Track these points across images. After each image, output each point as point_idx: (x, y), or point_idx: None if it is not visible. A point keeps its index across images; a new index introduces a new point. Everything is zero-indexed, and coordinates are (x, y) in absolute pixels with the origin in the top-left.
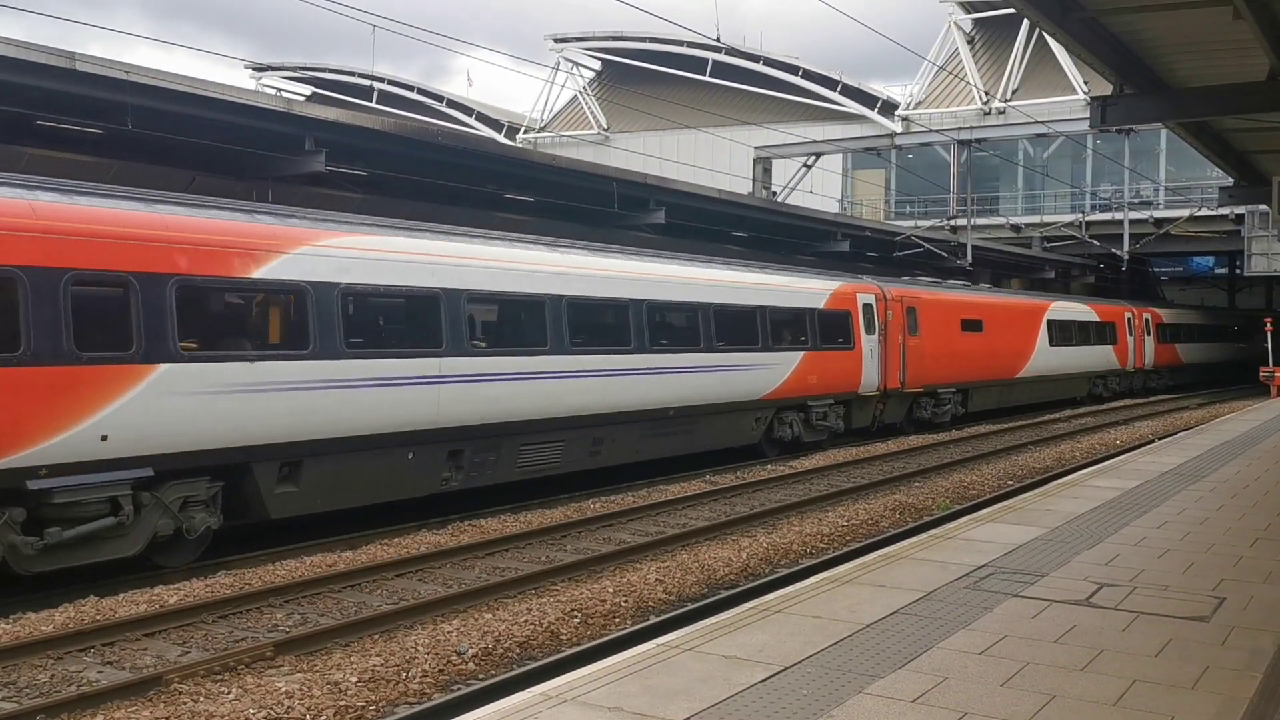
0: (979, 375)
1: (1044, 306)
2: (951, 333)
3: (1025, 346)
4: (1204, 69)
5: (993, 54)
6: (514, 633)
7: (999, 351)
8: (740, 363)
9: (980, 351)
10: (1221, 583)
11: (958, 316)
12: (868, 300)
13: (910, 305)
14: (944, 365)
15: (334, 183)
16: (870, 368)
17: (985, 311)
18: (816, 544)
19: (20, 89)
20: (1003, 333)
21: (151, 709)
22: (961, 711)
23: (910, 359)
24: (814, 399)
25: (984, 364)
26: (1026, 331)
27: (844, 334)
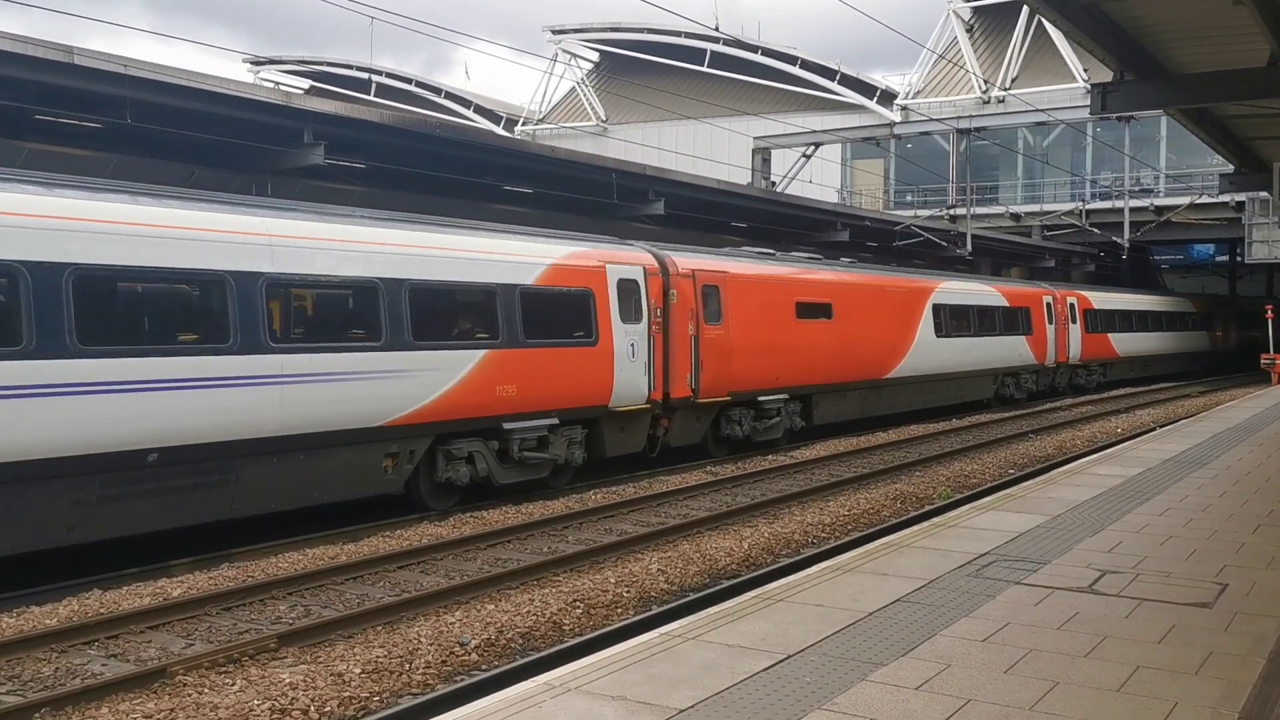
0: (826, 376)
1: (928, 288)
2: (780, 321)
3: (900, 338)
4: (1204, 55)
5: (992, 42)
6: (517, 623)
7: (858, 345)
8: (337, 370)
9: (828, 345)
10: (1224, 569)
11: (790, 299)
12: (627, 274)
13: (709, 283)
14: (767, 364)
15: (333, 175)
16: (631, 370)
17: (835, 293)
18: (818, 533)
19: (19, 83)
20: (864, 320)
21: (156, 701)
22: (965, 698)
23: (709, 357)
24: (517, 419)
25: (834, 361)
26: (902, 319)
27: (580, 322)
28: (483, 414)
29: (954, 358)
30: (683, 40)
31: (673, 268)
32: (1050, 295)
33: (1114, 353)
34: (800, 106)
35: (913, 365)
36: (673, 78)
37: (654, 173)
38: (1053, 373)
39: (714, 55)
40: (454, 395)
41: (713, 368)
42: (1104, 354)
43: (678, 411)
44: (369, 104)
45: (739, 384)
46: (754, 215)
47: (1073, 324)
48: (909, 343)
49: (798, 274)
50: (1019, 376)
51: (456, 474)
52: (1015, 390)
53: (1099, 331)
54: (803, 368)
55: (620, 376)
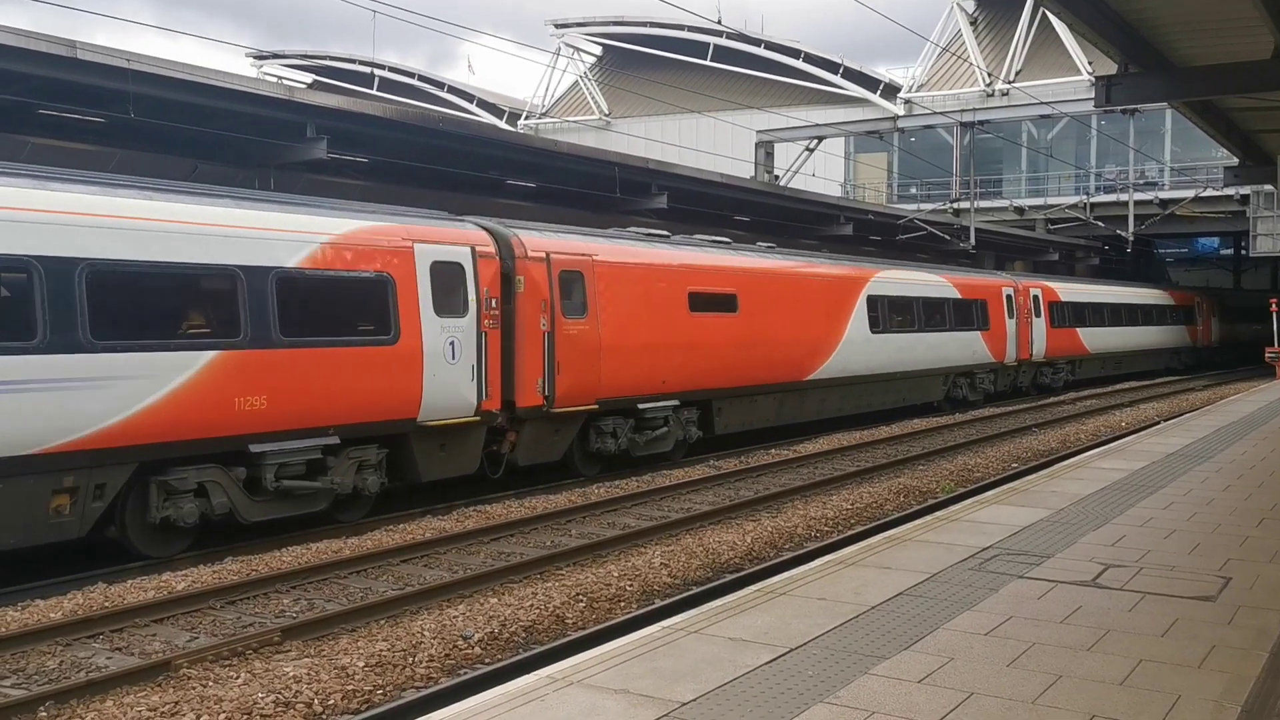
0: (730, 379)
1: (861, 276)
2: (668, 315)
3: (825, 334)
4: (1209, 47)
5: (996, 35)
6: (520, 617)
7: (771, 342)
8: None
9: (732, 343)
10: (1228, 562)
11: (682, 289)
12: (446, 256)
13: (570, 268)
14: (651, 365)
15: (335, 169)
16: (450, 375)
17: (741, 282)
18: (821, 527)
19: (22, 78)
20: (778, 314)
21: (160, 694)
22: (967, 691)
23: (569, 357)
24: (271, 439)
25: (740, 361)
26: (828, 312)
27: (371, 315)
28: (216, 433)
29: (893, 356)
30: (686, 34)
31: (519, 249)
32: (1011, 287)
33: (1083, 349)
34: (803, 100)
35: (841, 365)
36: (676, 71)
37: (657, 166)
38: (1014, 371)
39: (717, 49)
40: (166, 410)
41: (574, 370)
42: (1072, 350)
43: (527, 424)
44: (372, 98)
45: (611, 389)
46: (757, 209)
47: (1036, 318)
48: (836, 339)
49: (693, 260)
50: (974, 376)
51: (179, 511)
52: (969, 392)
53: (1066, 326)
54: (699, 369)
55: (434, 383)
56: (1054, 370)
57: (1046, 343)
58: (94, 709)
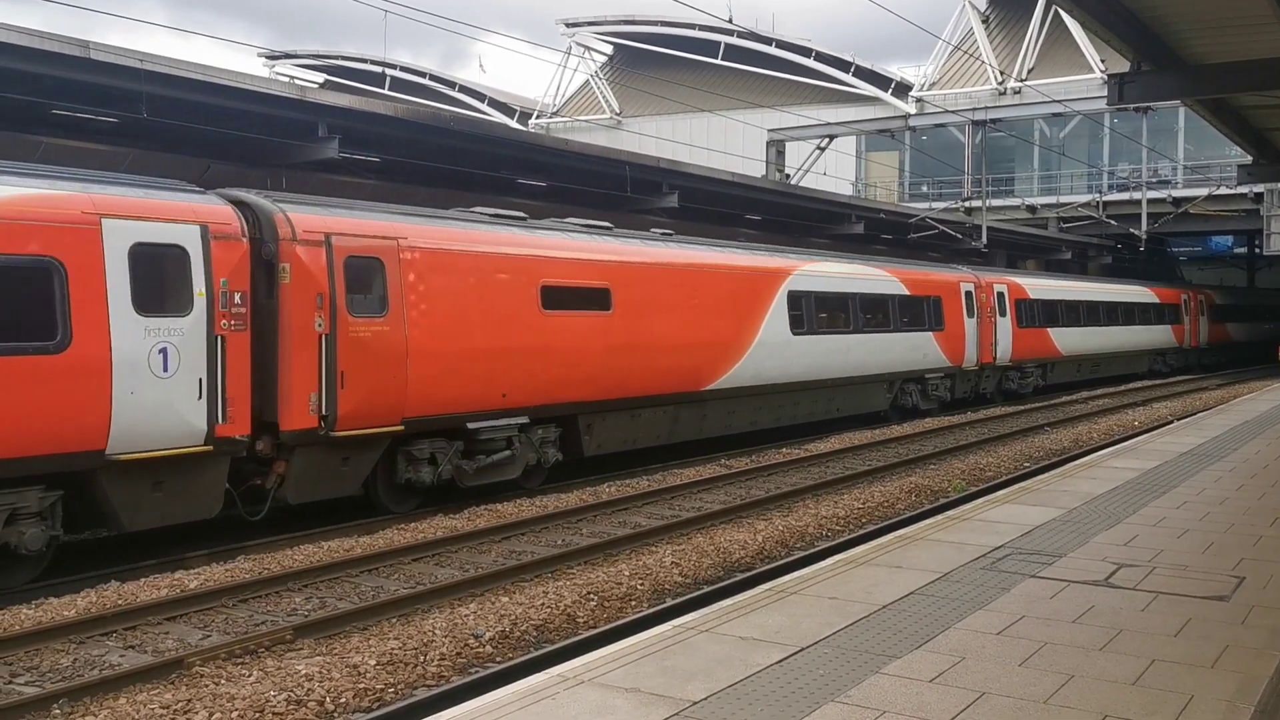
0: (602, 389)
1: (780, 270)
2: (512, 312)
3: (731, 335)
4: (1222, 45)
5: (1008, 33)
6: (531, 616)
7: (656, 346)
8: None
9: (604, 347)
10: (1241, 562)
11: (533, 282)
12: (157, 236)
13: (361, 253)
14: (486, 374)
15: (347, 169)
16: (160, 392)
17: (616, 274)
18: (832, 526)
19: (35, 78)
20: (667, 313)
21: (173, 692)
22: (979, 691)
23: (359, 366)
24: None
25: (615, 369)
26: (735, 310)
27: (33, 314)
28: None
29: (821, 361)
30: (697, 33)
31: (284, 229)
32: (971, 282)
33: (1055, 351)
34: (815, 99)
35: (752, 371)
36: (687, 70)
37: (668, 165)
38: (975, 376)
39: (728, 48)
40: None
41: (366, 383)
42: (1043, 352)
43: (298, 452)
44: (383, 98)
45: (425, 405)
46: (768, 208)
47: (1001, 317)
48: (747, 342)
49: (548, 248)
50: (925, 382)
51: None
52: (920, 399)
53: (1036, 325)
54: (556, 379)
55: (131, 402)
56: (1022, 375)
57: (1013, 344)
58: (107, 707)
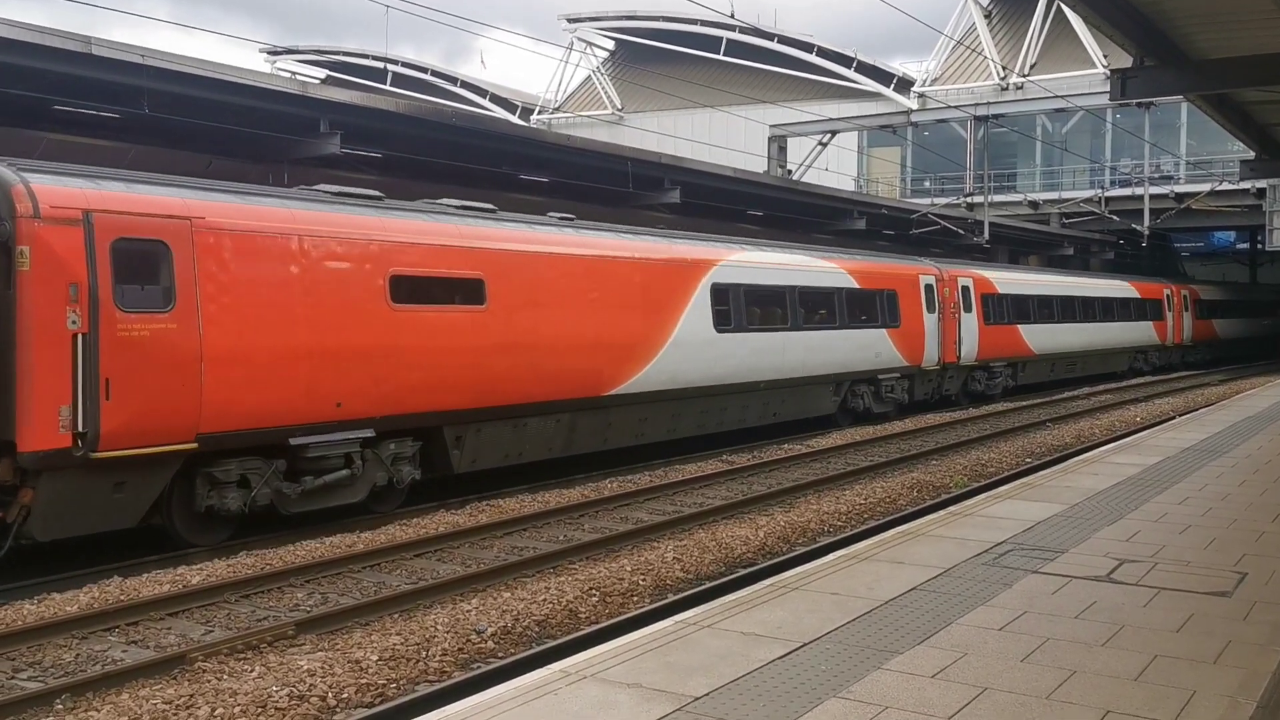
0: (474, 396)
1: (702, 261)
2: (351, 306)
3: (641, 333)
4: (1225, 40)
5: (1010, 28)
6: (533, 611)
7: (545, 344)
8: None
9: (475, 346)
10: (1243, 558)
11: (379, 270)
12: None
13: (138, 236)
14: (307, 380)
15: (349, 165)
16: None
17: (492, 263)
18: (834, 522)
19: (37, 74)
20: (558, 308)
21: (176, 687)
22: (981, 687)
23: (132, 370)
24: None
25: (492, 372)
26: (646, 304)
27: None
28: None
29: (751, 361)
30: (698, 28)
31: (22, 204)
32: (932, 275)
33: (1027, 349)
34: (817, 94)
35: (668, 374)
36: (688, 66)
37: (670, 161)
38: (938, 377)
39: (730, 43)
40: None
41: (142, 392)
42: (1013, 351)
43: (45, 477)
44: (385, 93)
45: (229, 417)
46: (770, 204)
47: (966, 313)
48: (659, 341)
49: (401, 231)
50: (879, 384)
51: None
52: (874, 402)
53: (1005, 322)
54: (412, 384)
55: None
56: (990, 375)
57: (979, 342)
58: (109, 702)
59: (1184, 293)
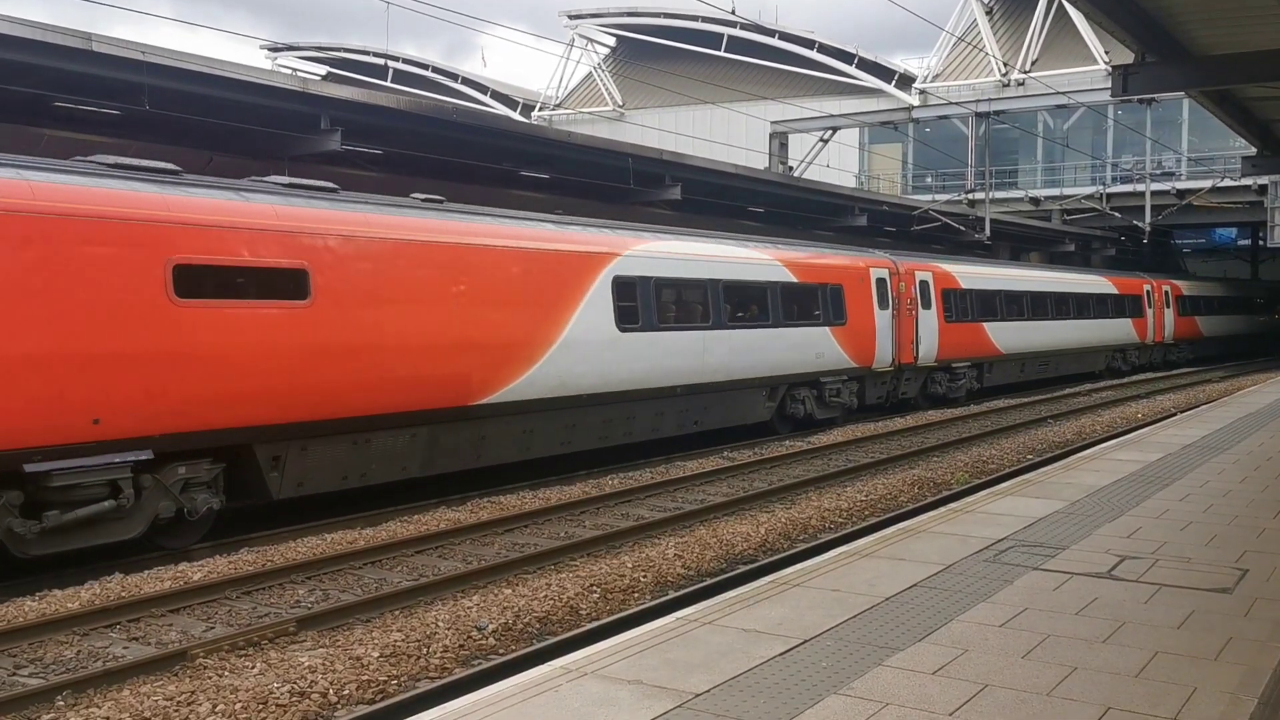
0: (297, 408)
1: (605, 251)
2: (122, 302)
3: (519, 332)
4: (1227, 36)
5: (1012, 24)
6: (534, 608)
7: (393, 346)
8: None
9: (295, 348)
10: (1244, 555)
11: (154, 258)
12: None
13: None
14: (47, 392)
15: (350, 161)
16: None
17: (316, 251)
18: (835, 518)
19: (37, 70)
20: (412, 303)
21: (177, 684)
22: (982, 683)
23: None
24: None
25: (321, 379)
26: (529, 300)
27: None
28: None
29: (664, 364)
30: (699, 25)
31: None
32: (885, 268)
33: (993, 348)
34: (818, 91)
35: (556, 379)
36: (689, 62)
37: (671, 157)
38: (892, 379)
39: (731, 40)
40: None
41: None
42: (978, 350)
43: None
44: (386, 90)
45: None
46: (771, 200)
47: (925, 309)
48: (545, 341)
49: (192, 211)
50: (822, 388)
51: None
52: (817, 408)
53: (969, 319)
54: (207, 395)
55: None
56: (952, 377)
57: (939, 341)
58: (111, 698)
59: (1165, 288)
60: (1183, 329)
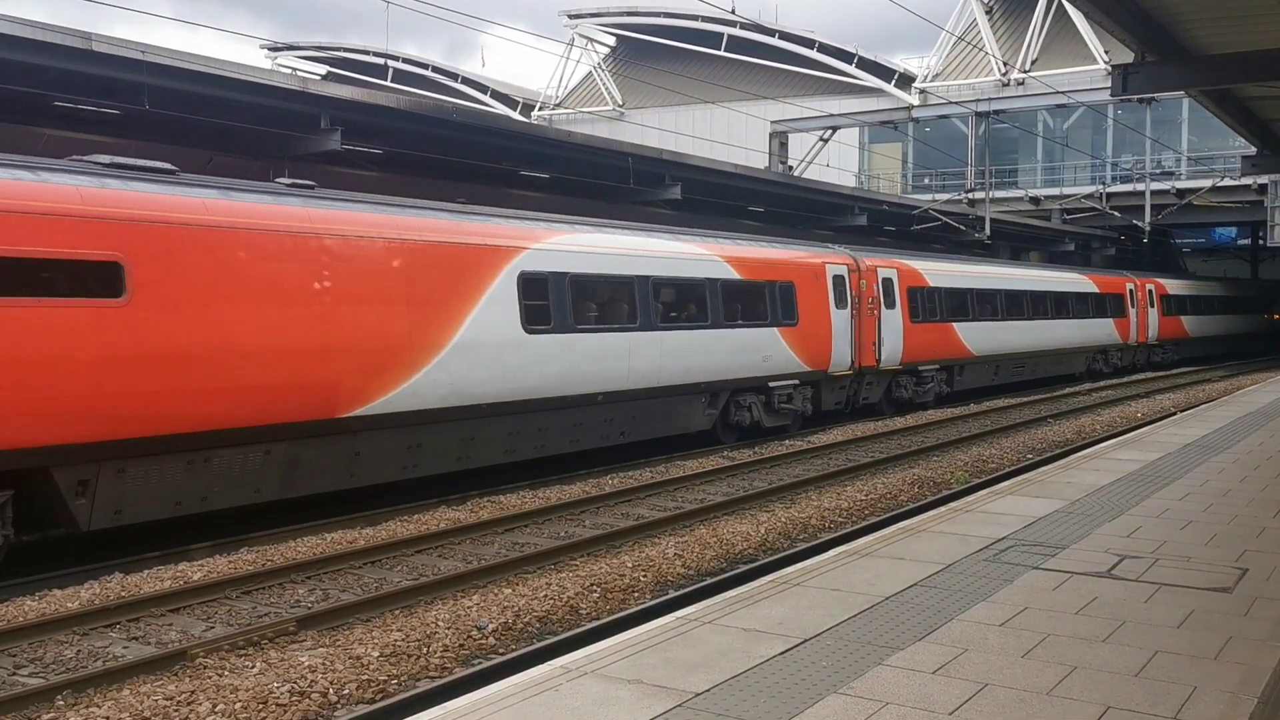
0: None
1: (508, 245)
2: None
3: (403, 334)
4: (1227, 35)
5: (1011, 24)
6: (534, 607)
7: (239, 350)
8: None
9: (103, 355)
10: (1244, 554)
11: None
12: None
13: None
14: None
15: (350, 161)
16: None
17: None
18: (835, 518)
19: (37, 69)
20: (264, 301)
21: (177, 683)
22: (982, 683)
23: None
24: None
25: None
26: (410, 297)
27: None
28: None
29: (581, 368)
30: (699, 24)
31: None
32: (843, 264)
33: (964, 350)
34: (818, 90)
35: (445, 387)
36: (689, 62)
37: (671, 157)
38: (852, 383)
39: (731, 39)
40: None
41: None
42: (947, 352)
43: None
44: (386, 89)
45: None
46: (771, 200)
47: (889, 309)
48: (434, 344)
49: None
50: (771, 393)
51: None
52: (765, 415)
53: (937, 319)
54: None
55: None
56: (919, 380)
57: (904, 343)
58: (111, 698)
59: (1150, 286)
60: (1168, 329)
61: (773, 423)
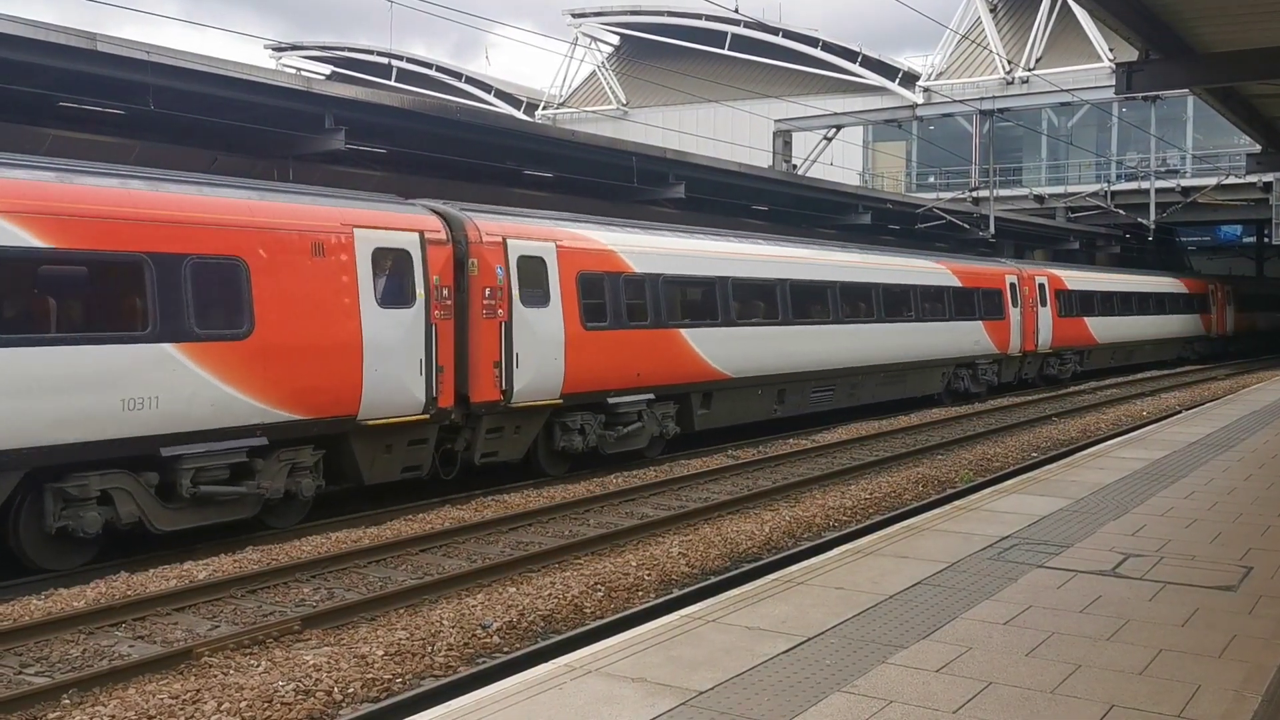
0: None
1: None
2: None
3: None
4: (1232, 33)
5: (1016, 22)
6: (538, 606)
7: None
8: None
9: None
10: (1249, 552)
11: None
12: None
13: None
14: None
15: (354, 160)
16: None
17: None
18: (839, 516)
19: (42, 70)
20: None
21: (182, 682)
22: (986, 681)
23: None
24: None
25: None
26: None
27: None
28: None
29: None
30: (703, 23)
31: None
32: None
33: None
34: (821, 89)
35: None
36: (693, 61)
37: (674, 156)
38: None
39: (735, 38)
40: None
41: None
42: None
43: None
44: (390, 89)
45: None
46: (775, 198)
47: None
48: None
49: None
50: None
51: None
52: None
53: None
54: None
55: None
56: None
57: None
58: (116, 697)
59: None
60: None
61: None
